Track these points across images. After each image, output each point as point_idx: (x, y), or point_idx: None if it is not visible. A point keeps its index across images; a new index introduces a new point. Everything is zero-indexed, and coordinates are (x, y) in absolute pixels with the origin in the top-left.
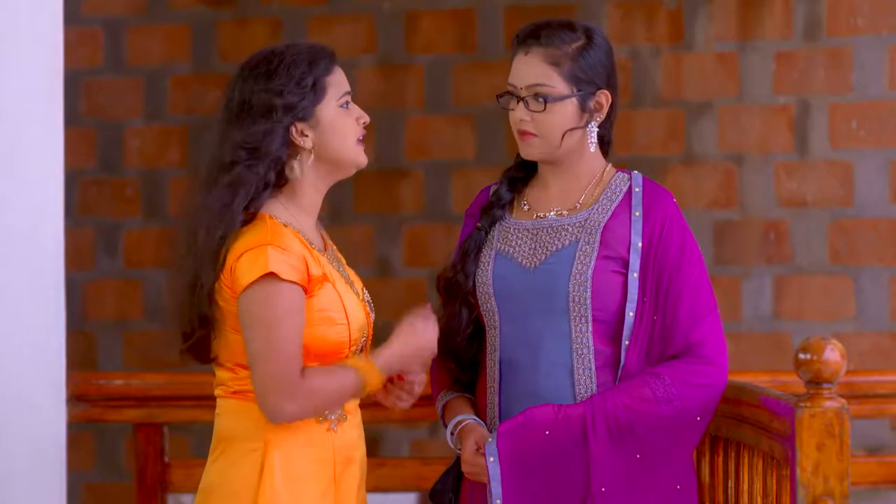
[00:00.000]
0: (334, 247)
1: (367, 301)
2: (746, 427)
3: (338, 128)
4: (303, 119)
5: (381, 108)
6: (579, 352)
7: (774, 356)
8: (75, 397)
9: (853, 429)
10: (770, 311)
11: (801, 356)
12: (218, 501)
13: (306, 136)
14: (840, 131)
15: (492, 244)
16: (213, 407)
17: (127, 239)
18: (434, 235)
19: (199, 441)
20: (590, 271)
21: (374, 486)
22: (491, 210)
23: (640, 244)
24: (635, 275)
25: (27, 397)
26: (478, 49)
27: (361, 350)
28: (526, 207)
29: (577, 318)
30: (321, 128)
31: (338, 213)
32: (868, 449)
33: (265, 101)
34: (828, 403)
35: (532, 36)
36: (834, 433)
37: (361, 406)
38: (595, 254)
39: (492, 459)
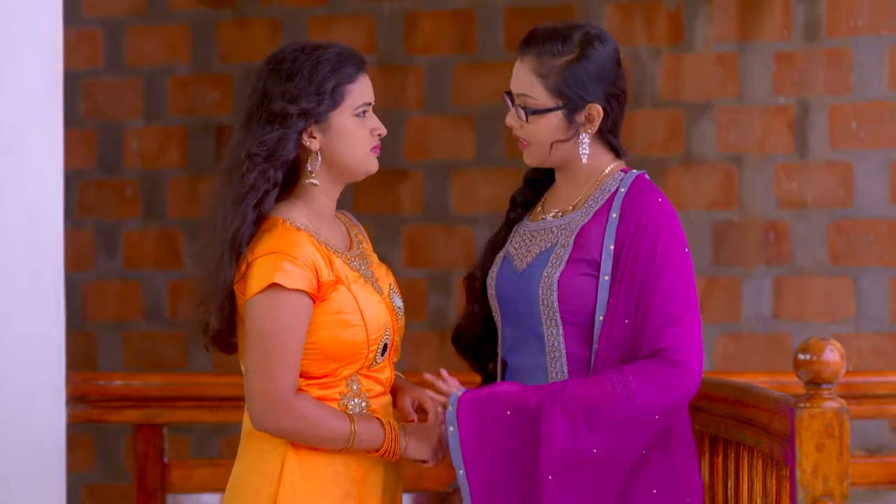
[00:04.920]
0: (366, 244)
1: (395, 299)
2: (746, 428)
3: (349, 136)
4: (315, 122)
5: (380, 109)
6: (552, 354)
7: (774, 357)
8: (75, 398)
9: (853, 429)
10: (770, 311)
11: (801, 357)
12: (238, 498)
13: (314, 138)
14: (840, 132)
15: (507, 246)
16: (213, 408)
17: (126, 239)
18: (434, 236)
19: (199, 441)
20: (557, 274)
21: None
22: (508, 211)
23: (612, 247)
24: (606, 278)
25: (27, 397)
26: (477, 49)
27: (385, 349)
28: (540, 209)
29: (548, 321)
30: (331, 133)
31: None
32: (868, 449)
33: (281, 107)
34: (827, 404)
35: (527, 42)
36: (833, 434)
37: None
38: (567, 256)
39: (451, 428)
